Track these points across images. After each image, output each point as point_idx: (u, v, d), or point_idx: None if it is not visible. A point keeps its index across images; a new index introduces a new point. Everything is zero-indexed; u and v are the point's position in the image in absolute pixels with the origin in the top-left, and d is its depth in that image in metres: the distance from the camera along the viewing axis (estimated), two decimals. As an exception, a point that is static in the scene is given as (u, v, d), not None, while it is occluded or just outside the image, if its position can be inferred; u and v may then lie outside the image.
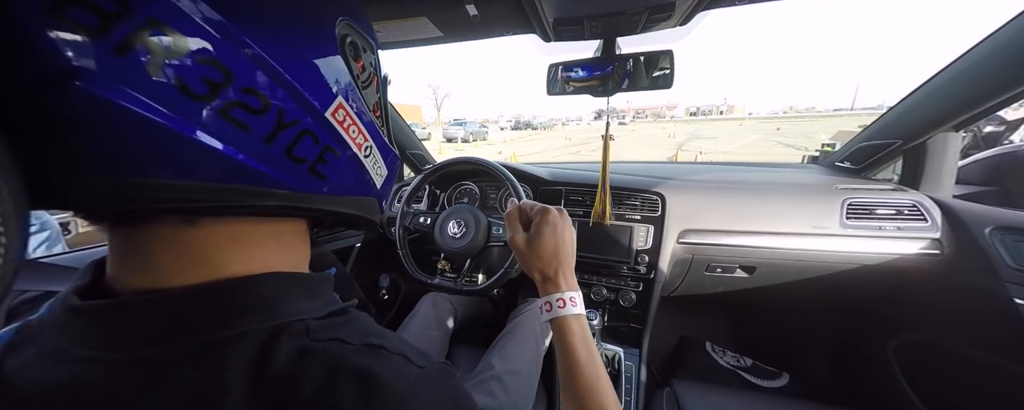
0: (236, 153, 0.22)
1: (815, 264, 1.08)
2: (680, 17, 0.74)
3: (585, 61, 0.91)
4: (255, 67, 0.22)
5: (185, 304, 0.23)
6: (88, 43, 0.18)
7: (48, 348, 0.23)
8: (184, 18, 0.20)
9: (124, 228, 0.25)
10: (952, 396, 0.96)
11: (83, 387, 0.21)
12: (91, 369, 0.21)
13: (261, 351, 0.23)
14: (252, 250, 0.27)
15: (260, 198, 0.25)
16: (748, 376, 1.33)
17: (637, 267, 1.11)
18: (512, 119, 75.13)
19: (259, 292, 0.25)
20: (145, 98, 0.19)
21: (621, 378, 1.00)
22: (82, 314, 0.23)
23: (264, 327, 0.24)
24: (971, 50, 0.84)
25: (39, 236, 1.22)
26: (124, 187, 0.20)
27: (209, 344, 0.22)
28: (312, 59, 0.26)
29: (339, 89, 0.28)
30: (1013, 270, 0.83)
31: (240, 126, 0.22)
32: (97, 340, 0.22)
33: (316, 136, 0.27)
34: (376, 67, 0.35)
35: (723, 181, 1.18)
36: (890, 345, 1.12)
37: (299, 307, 0.26)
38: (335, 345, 0.24)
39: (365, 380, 0.22)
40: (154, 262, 0.24)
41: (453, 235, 1.01)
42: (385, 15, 0.71)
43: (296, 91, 0.24)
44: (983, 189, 1.87)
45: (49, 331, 0.24)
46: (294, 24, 0.25)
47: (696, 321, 1.63)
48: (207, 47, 0.20)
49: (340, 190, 0.31)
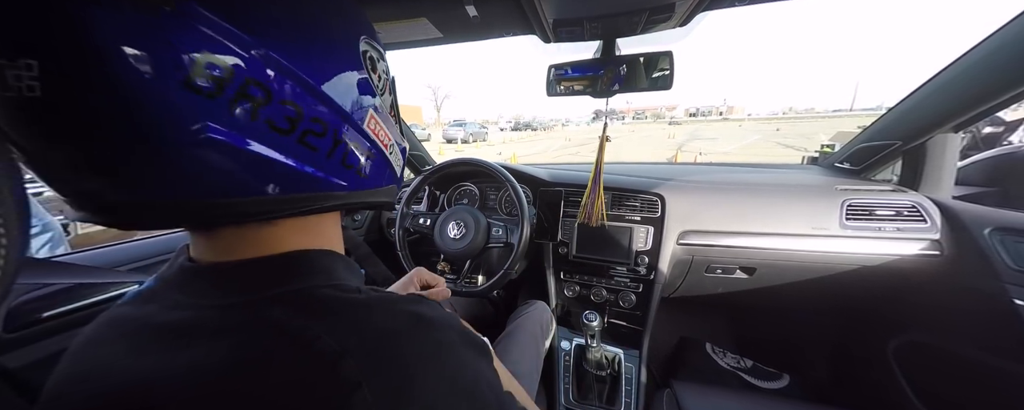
0: (314, 170, 0.29)
1: (815, 265, 1.08)
2: (680, 18, 0.75)
3: (585, 62, 0.91)
4: (316, 101, 0.28)
5: (270, 265, 0.30)
6: (210, 103, 0.23)
7: (170, 302, 0.29)
8: (272, 78, 0.25)
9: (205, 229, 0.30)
10: (952, 397, 0.96)
11: (203, 323, 0.27)
12: (209, 312, 0.27)
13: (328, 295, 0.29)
14: (309, 236, 0.34)
15: (327, 201, 0.32)
16: (748, 377, 1.33)
17: (637, 268, 1.11)
18: (512, 120, 75.15)
19: (319, 261, 0.33)
20: (248, 138, 0.25)
21: (621, 379, 1.00)
22: (198, 274, 0.30)
23: (327, 283, 0.31)
24: (970, 51, 0.84)
25: (42, 238, 1.22)
26: (219, 207, 0.26)
27: (288, 292, 0.29)
28: (350, 85, 0.32)
29: (368, 103, 0.34)
30: (1013, 271, 0.83)
31: (311, 148, 0.29)
32: (210, 291, 0.29)
33: (359, 145, 0.33)
34: (387, 72, 0.40)
35: (723, 182, 1.18)
36: (890, 346, 1.12)
37: (346, 276, 0.34)
38: (386, 295, 0.31)
39: (417, 317, 0.30)
40: (236, 249, 0.30)
41: (453, 236, 1.01)
42: (385, 16, 0.71)
43: (344, 113, 0.31)
44: (983, 190, 1.87)
45: (166, 290, 0.31)
46: (337, 61, 0.31)
47: (696, 322, 1.63)
48: (286, 93, 0.26)
49: (376, 183, 0.38)
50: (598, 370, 0.99)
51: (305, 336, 0.25)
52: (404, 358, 0.26)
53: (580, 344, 1.06)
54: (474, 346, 0.33)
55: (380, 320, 0.28)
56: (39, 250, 1.18)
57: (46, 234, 1.23)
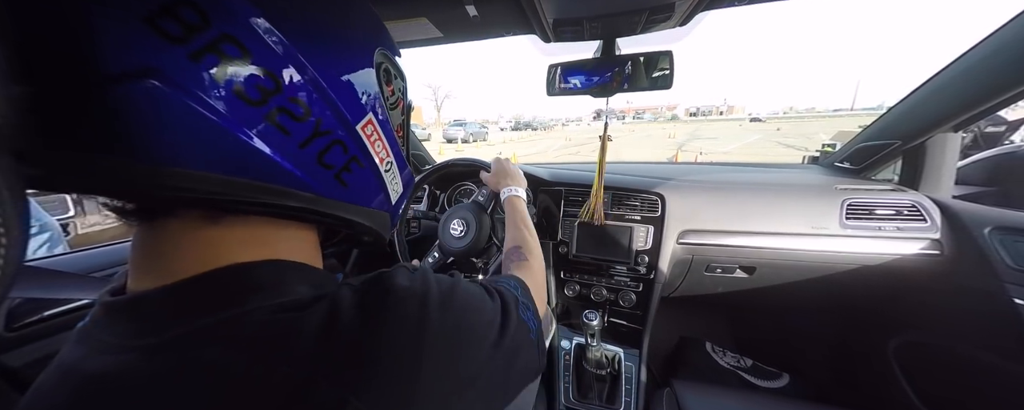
0: (274, 154, 0.25)
1: (815, 264, 1.08)
2: (680, 18, 0.75)
3: (585, 62, 0.91)
4: (303, 80, 0.25)
5: (196, 288, 0.25)
6: (170, 48, 0.20)
7: (96, 343, 0.25)
8: (252, 36, 0.23)
9: (148, 223, 0.26)
10: (952, 396, 0.96)
11: (126, 372, 0.23)
12: (129, 356, 0.23)
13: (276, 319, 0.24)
14: (262, 250, 0.28)
15: (288, 199, 0.27)
16: (748, 377, 1.33)
17: (637, 267, 1.11)
18: (512, 120, 75.12)
19: (264, 272, 0.27)
20: (207, 98, 0.21)
21: (621, 378, 1.00)
22: (114, 309, 0.26)
23: (273, 303, 0.25)
24: (970, 50, 0.84)
25: (40, 237, 1.22)
26: (163, 175, 0.22)
27: (222, 322, 0.24)
28: (351, 78, 0.29)
29: (370, 107, 0.31)
30: (1013, 270, 0.83)
31: (282, 130, 0.25)
32: (129, 330, 0.24)
33: (345, 146, 0.29)
34: (403, 94, 0.39)
35: (723, 181, 1.18)
36: (890, 345, 1.12)
37: (299, 287, 0.28)
38: (345, 289, 0.28)
39: (388, 295, 0.27)
40: (171, 259, 0.26)
41: (455, 235, 1.02)
42: (385, 16, 0.71)
43: (334, 104, 0.27)
44: (983, 189, 1.87)
45: (94, 330, 0.26)
46: (341, 48, 0.29)
47: (696, 321, 1.63)
48: (266, 61, 0.23)
49: (359, 200, 0.33)
50: (598, 369, 0.99)
51: (253, 373, 0.21)
52: (391, 346, 0.24)
53: (580, 343, 1.06)
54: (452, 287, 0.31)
55: (350, 323, 0.25)
56: (37, 250, 1.17)
57: (44, 234, 1.23)
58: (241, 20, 0.22)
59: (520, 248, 0.62)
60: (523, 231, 0.68)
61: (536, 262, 0.60)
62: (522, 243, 0.64)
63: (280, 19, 0.24)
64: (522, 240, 0.65)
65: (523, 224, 0.70)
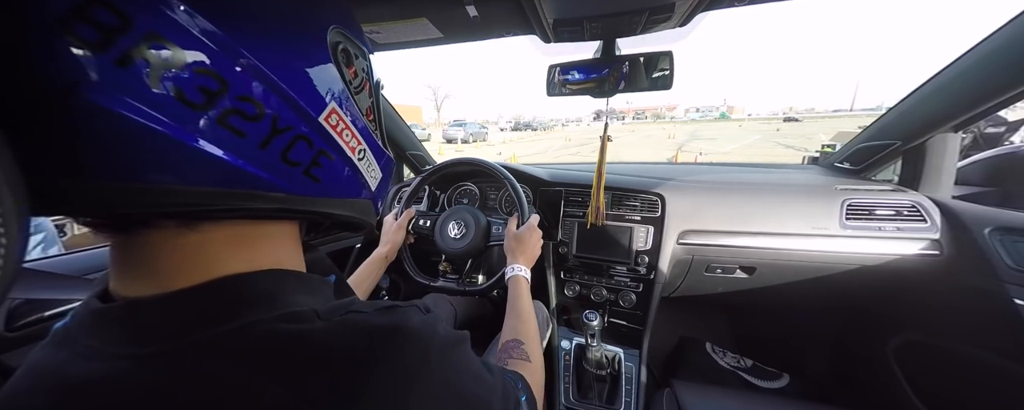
0: (234, 158, 0.23)
1: (815, 265, 1.09)
2: (680, 18, 0.75)
3: (585, 62, 0.91)
4: (250, 76, 0.23)
5: (194, 300, 0.24)
6: (91, 56, 0.18)
7: (81, 348, 0.25)
8: (181, 31, 0.20)
9: (124, 234, 0.25)
10: (952, 396, 0.96)
11: (117, 379, 0.22)
12: (123, 363, 0.23)
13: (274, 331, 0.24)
14: (249, 252, 0.28)
15: (257, 201, 0.26)
16: (748, 377, 1.33)
17: (637, 268, 1.11)
18: (512, 120, 75.17)
19: (261, 285, 0.27)
20: (145, 107, 0.20)
21: (621, 379, 1.00)
22: (104, 314, 0.25)
23: (270, 316, 0.25)
24: (970, 50, 0.84)
25: (35, 238, 1.22)
26: (127, 193, 0.21)
27: (220, 334, 0.23)
28: (305, 67, 0.27)
29: (332, 95, 0.29)
30: (1012, 271, 0.83)
31: (236, 133, 0.23)
32: (124, 337, 0.24)
33: (310, 141, 0.27)
34: (368, 73, 0.36)
35: (723, 182, 1.18)
36: (890, 345, 1.12)
37: (301, 299, 0.28)
38: (352, 316, 0.27)
39: (392, 331, 0.27)
40: (156, 267, 0.25)
41: (453, 236, 1.01)
42: (385, 16, 0.71)
43: (290, 98, 0.25)
44: (983, 190, 1.87)
45: (79, 334, 0.26)
46: (287, 34, 0.26)
47: (696, 322, 1.63)
48: (204, 58, 0.21)
49: (335, 192, 0.32)
50: (598, 369, 0.99)
51: (248, 392, 0.21)
52: (386, 384, 0.24)
53: (580, 343, 1.06)
54: (459, 342, 0.31)
55: (347, 348, 0.24)
56: (32, 250, 1.18)
57: (39, 235, 1.23)
58: (166, 15, 0.20)
59: (521, 344, 0.61)
60: (524, 323, 0.67)
61: (536, 358, 0.60)
62: (522, 337, 0.63)
63: (213, 10, 0.22)
64: (523, 333, 0.64)
65: (524, 311, 0.70)
